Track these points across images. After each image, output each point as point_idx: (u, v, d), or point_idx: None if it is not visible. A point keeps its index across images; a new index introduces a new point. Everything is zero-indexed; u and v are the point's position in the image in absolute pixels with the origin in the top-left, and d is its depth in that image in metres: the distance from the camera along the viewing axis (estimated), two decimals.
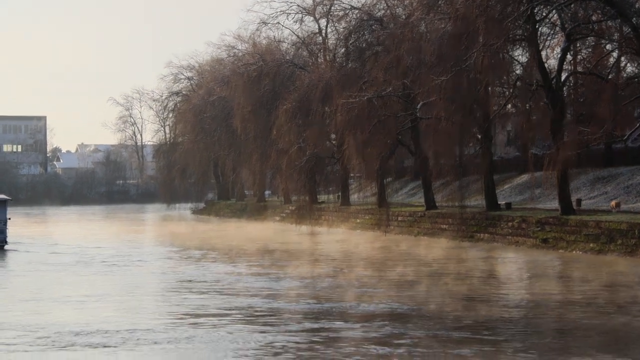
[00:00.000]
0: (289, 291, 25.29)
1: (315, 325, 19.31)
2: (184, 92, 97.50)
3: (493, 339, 17.66)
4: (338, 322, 19.69)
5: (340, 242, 45.42)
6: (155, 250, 42.63)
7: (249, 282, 27.57)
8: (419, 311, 21.26)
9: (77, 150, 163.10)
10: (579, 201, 43.74)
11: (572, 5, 39.95)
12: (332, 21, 65.22)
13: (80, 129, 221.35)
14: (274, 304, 22.72)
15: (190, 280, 28.56)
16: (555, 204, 42.91)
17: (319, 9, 67.02)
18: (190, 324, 19.76)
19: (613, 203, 41.33)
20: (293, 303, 22.90)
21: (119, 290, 26.29)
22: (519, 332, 18.52)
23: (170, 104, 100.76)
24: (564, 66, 41.42)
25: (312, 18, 68.35)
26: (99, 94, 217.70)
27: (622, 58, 43.90)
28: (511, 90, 42.83)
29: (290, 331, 18.61)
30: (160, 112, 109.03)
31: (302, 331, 18.65)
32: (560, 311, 21.43)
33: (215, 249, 42.04)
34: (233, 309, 21.81)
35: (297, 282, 27.37)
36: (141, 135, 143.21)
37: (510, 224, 41.39)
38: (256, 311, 21.47)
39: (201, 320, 20.24)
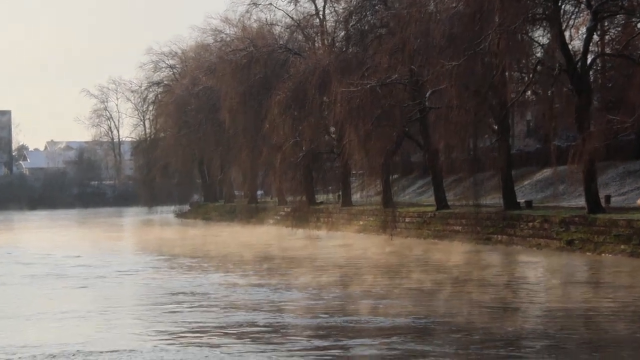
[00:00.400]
0: (294, 304, 24.91)
1: (327, 343, 18.88)
2: (165, 82, 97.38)
3: (531, 356, 17.36)
4: (352, 339, 19.26)
5: (344, 247, 45.23)
6: (139, 259, 42.29)
7: (248, 294, 27.19)
8: (443, 325, 20.92)
9: (46, 148, 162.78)
10: (607, 198, 43.64)
11: None
12: (331, 1, 65.11)
13: (49, 124, 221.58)
14: (278, 319, 22.33)
15: (180, 293, 28.11)
16: (581, 202, 42.76)
17: None
18: (182, 343, 19.35)
19: None
20: (300, 317, 22.52)
21: (99, 305, 25.79)
22: (557, 347, 18.16)
23: (151, 96, 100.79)
24: (590, 48, 41.15)
25: None
26: (71, 85, 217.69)
27: None
28: (531, 76, 42.60)
29: (298, 350, 18.25)
30: (139, 104, 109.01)
31: (312, 349, 18.29)
32: (602, 322, 21.14)
33: (206, 256, 41.73)
34: (231, 326, 21.40)
35: (302, 293, 27.04)
36: (118, 130, 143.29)
37: (531, 224, 41.25)
38: (258, 327, 21.05)
39: (195, 338, 19.86)
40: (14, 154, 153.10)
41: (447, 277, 30.71)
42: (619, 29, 43.82)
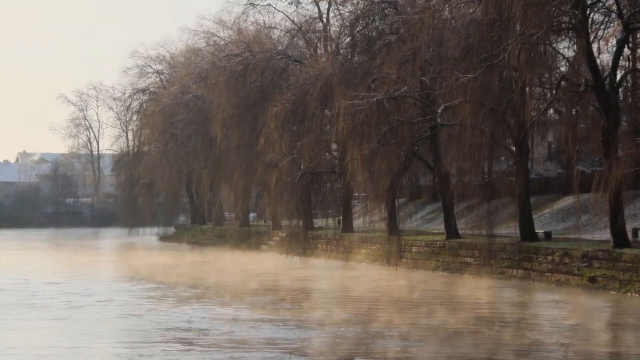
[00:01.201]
0: (309, 343, 24.66)
1: None
2: (151, 89, 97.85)
3: None
4: None
5: (351, 279, 45.50)
6: (123, 287, 42.30)
7: (254, 331, 26.90)
8: None
9: (17, 160, 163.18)
10: (635, 231, 43.62)
11: None
12: (335, 3, 65.58)
13: (21, 133, 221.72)
14: None
15: (174, 328, 27.73)
16: (605, 235, 42.79)
17: None
18: None
19: None
20: (319, 359, 22.24)
21: (78, 341, 25.59)
22: None
23: (135, 104, 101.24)
24: (620, 62, 41.33)
25: None
26: (46, 90, 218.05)
27: None
28: (554, 92, 42.78)
29: None
30: (122, 113, 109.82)
31: None
32: None
33: (200, 285, 41.86)
34: None
35: (316, 331, 26.88)
36: (98, 142, 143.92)
37: (550, 258, 41.33)
38: None
39: None
40: None
41: (471, 316, 30.67)
42: None
